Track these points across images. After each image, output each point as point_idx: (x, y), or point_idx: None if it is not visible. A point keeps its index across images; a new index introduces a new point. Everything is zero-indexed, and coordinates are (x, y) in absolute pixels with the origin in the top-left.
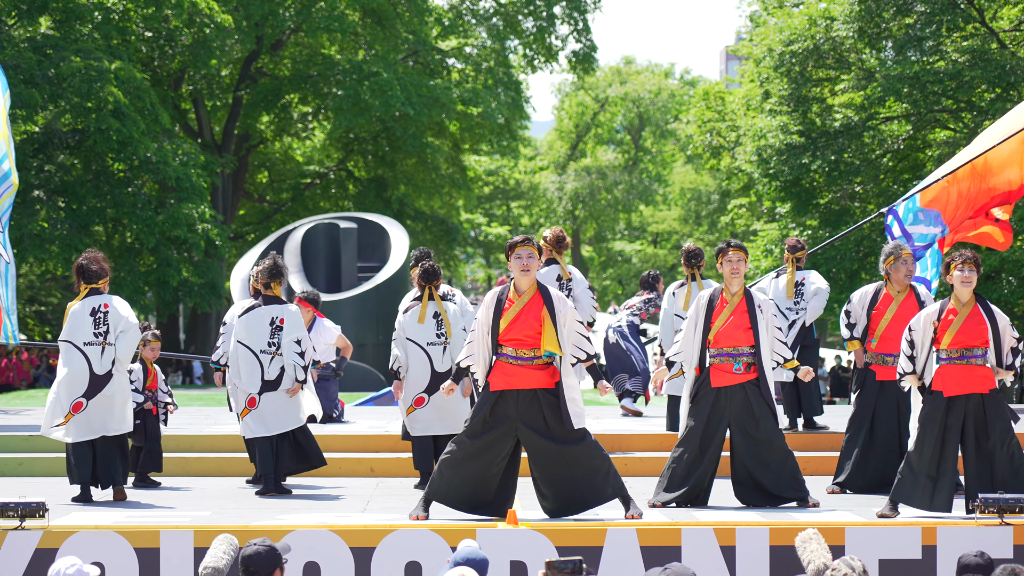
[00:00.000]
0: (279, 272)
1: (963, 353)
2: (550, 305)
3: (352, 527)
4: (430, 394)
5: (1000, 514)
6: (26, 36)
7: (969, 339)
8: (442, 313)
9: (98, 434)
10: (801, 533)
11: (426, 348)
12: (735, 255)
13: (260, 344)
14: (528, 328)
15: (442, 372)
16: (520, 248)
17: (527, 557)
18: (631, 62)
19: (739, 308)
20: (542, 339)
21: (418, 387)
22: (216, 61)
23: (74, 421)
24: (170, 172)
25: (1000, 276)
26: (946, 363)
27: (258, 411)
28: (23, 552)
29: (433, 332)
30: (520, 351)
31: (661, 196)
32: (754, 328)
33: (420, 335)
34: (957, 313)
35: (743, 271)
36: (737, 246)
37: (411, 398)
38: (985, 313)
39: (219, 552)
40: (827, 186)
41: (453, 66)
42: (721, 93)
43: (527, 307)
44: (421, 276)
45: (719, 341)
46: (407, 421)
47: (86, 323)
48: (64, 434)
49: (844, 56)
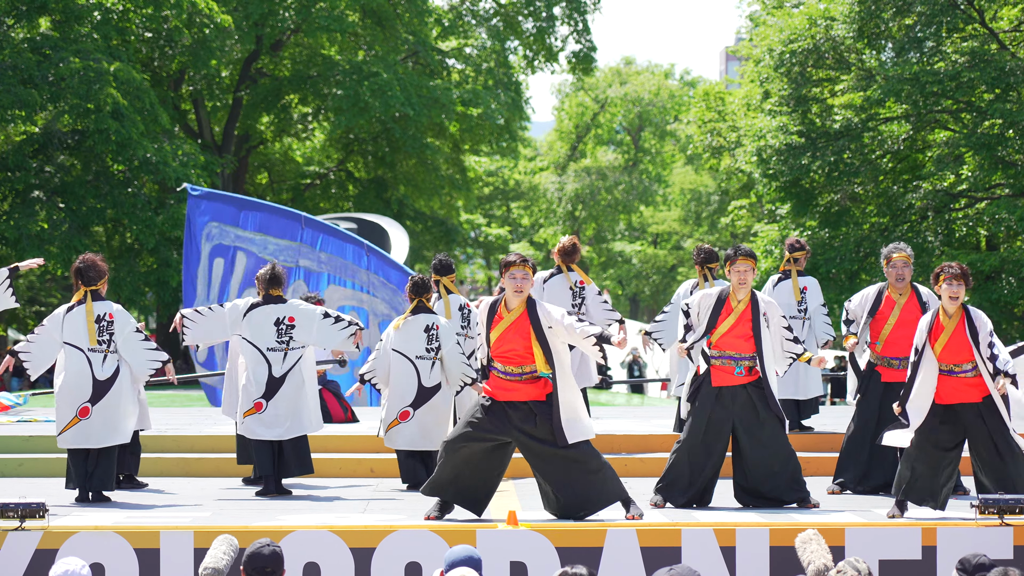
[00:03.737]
0: (278, 281)
1: (952, 369)
2: (537, 326)
3: (352, 527)
4: (416, 408)
5: (1000, 515)
6: (25, 36)
7: (954, 356)
8: (434, 327)
9: (97, 444)
10: (801, 534)
11: (414, 361)
12: (743, 264)
13: (267, 342)
14: (516, 345)
15: (429, 387)
16: (515, 268)
17: (527, 558)
18: (631, 63)
19: (744, 316)
20: (535, 360)
21: (403, 400)
22: (216, 61)
23: (79, 427)
24: (170, 173)
25: (1000, 276)
26: (940, 373)
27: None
28: (23, 553)
29: (423, 346)
30: (508, 367)
31: (661, 197)
32: (756, 336)
33: (409, 348)
34: (944, 329)
35: (750, 280)
36: (747, 254)
37: (396, 411)
38: (968, 328)
39: (219, 552)
40: (827, 187)
41: (453, 67)
42: (721, 93)
43: (515, 325)
44: (411, 289)
45: (720, 345)
46: (387, 435)
47: (93, 329)
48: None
49: (844, 56)
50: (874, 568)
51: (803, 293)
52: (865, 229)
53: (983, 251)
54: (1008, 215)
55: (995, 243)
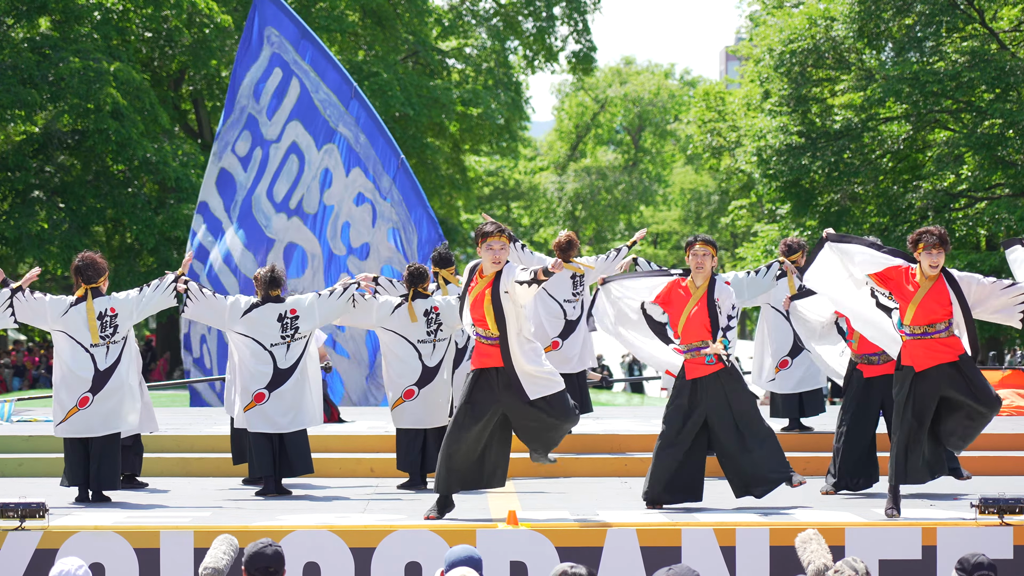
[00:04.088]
0: (278, 283)
1: (925, 330)
2: (495, 290)
3: (352, 527)
4: (420, 387)
5: (1000, 514)
6: (25, 36)
7: (928, 316)
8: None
9: (99, 432)
10: (801, 534)
11: (416, 345)
12: (701, 248)
13: (272, 338)
14: (482, 311)
15: (432, 367)
16: (493, 239)
17: (527, 557)
18: (631, 62)
19: (702, 300)
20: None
21: (407, 380)
22: (216, 61)
23: (78, 416)
24: (170, 172)
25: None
26: (910, 338)
27: (263, 407)
28: (23, 552)
29: (424, 330)
30: (480, 330)
31: (661, 197)
32: (713, 323)
33: (411, 333)
34: (918, 288)
35: (708, 265)
36: (705, 240)
37: (400, 391)
38: (949, 284)
39: (219, 552)
40: (827, 186)
41: (453, 67)
42: (721, 93)
43: (483, 290)
44: (408, 278)
45: (686, 337)
46: (394, 415)
47: (95, 327)
48: (61, 431)
49: (844, 56)
50: (874, 568)
51: None
52: (865, 229)
53: (983, 251)
54: (1008, 215)
55: (995, 243)
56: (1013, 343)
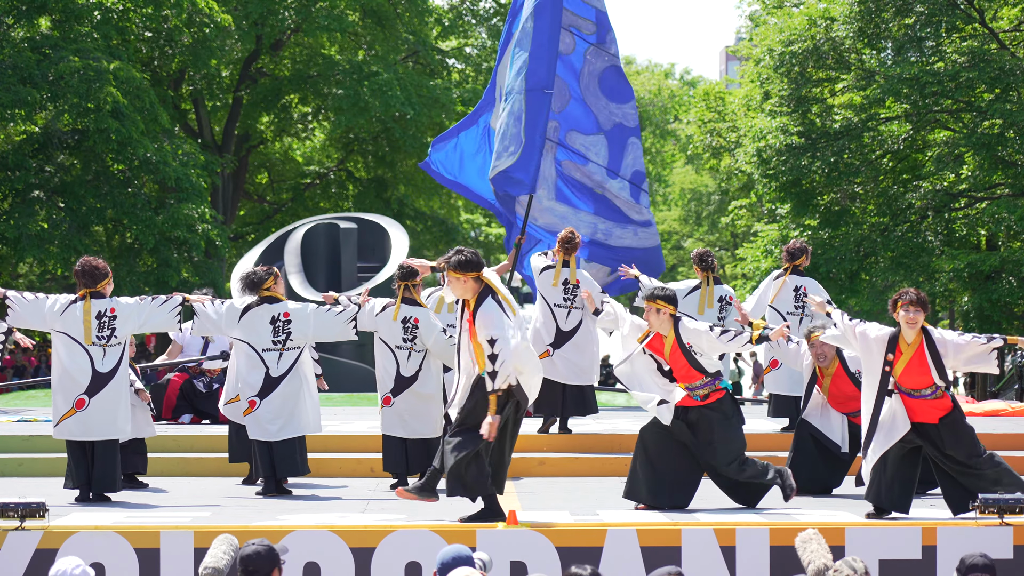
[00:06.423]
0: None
1: (911, 393)
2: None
3: (352, 527)
4: (395, 395)
5: (1000, 514)
6: (25, 36)
7: (914, 382)
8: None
9: (97, 437)
10: (801, 533)
11: (394, 350)
12: (650, 306)
13: (264, 343)
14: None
15: (407, 376)
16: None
17: (527, 557)
18: (631, 62)
19: (673, 349)
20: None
21: (385, 386)
22: (216, 61)
23: (76, 418)
24: (170, 172)
25: (1000, 276)
26: (901, 392)
27: (256, 413)
28: (23, 552)
29: (400, 335)
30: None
31: (661, 196)
32: (694, 364)
33: (390, 336)
34: (902, 353)
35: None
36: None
37: (380, 395)
38: (929, 351)
39: (219, 552)
40: (827, 187)
41: (453, 66)
42: (721, 93)
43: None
44: (399, 276)
45: (679, 379)
46: (380, 416)
47: (92, 326)
48: (59, 433)
49: (844, 56)
50: (874, 568)
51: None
52: (865, 229)
53: (983, 251)
54: (1008, 215)
55: (995, 243)
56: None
